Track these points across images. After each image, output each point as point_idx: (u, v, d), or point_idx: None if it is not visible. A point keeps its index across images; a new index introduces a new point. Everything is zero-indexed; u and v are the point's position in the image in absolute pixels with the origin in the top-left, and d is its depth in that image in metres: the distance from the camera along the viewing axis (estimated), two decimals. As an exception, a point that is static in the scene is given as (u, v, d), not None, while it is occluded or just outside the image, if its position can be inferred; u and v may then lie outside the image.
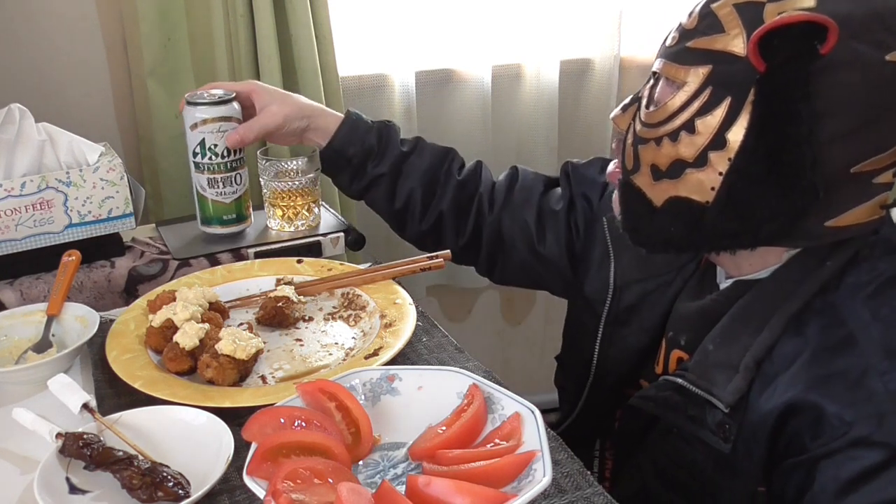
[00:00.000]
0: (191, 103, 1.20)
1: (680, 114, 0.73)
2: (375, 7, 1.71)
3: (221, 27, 1.51)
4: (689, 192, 0.74)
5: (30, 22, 1.48)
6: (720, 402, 0.75)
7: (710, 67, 0.71)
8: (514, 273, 1.16)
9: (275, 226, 1.32)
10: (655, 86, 0.78)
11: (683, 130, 0.73)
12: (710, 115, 0.71)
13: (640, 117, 0.79)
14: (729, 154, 0.71)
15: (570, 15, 1.84)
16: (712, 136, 0.72)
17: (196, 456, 0.73)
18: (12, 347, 0.96)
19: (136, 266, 1.22)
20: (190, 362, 0.89)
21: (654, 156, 0.76)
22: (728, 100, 0.70)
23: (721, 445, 0.76)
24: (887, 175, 0.72)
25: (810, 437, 0.70)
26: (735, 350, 0.77)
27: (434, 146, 1.18)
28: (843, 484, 0.68)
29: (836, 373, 0.70)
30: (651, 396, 0.83)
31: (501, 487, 0.64)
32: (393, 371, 0.78)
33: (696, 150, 0.73)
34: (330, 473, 0.64)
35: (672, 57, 0.75)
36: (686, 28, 0.75)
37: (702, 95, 0.72)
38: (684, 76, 0.73)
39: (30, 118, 1.16)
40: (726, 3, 0.71)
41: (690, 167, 0.73)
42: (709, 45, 0.72)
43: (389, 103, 1.77)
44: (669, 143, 0.74)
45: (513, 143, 1.93)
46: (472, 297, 2.11)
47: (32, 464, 0.75)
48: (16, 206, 1.12)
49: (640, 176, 0.78)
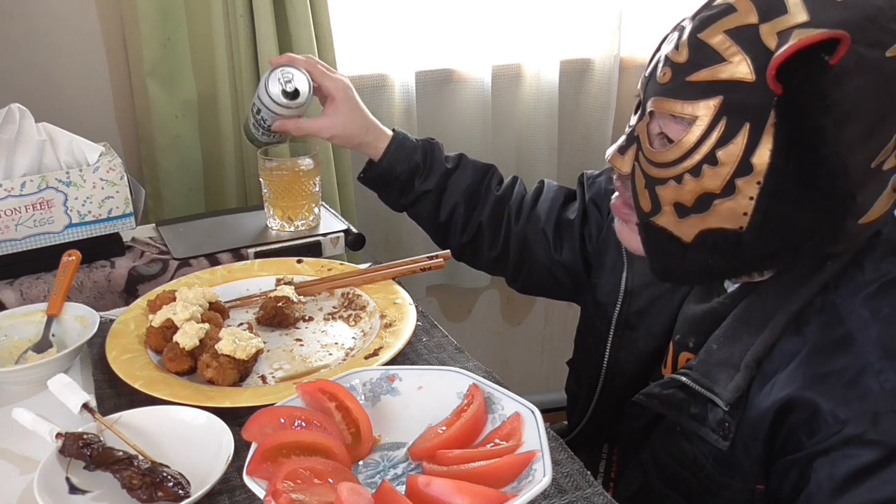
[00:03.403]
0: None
1: (698, 148, 0.72)
2: (375, 7, 1.71)
3: (221, 27, 1.51)
4: (721, 223, 0.74)
5: (30, 22, 1.48)
6: (721, 401, 0.76)
7: (721, 98, 0.70)
8: (537, 281, 1.18)
9: (275, 226, 1.32)
10: (651, 123, 0.77)
11: (705, 164, 0.72)
12: (731, 144, 0.71)
13: (645, 158, 0.77)
14: (757, 178, 0.71)
15: (570, 15, 1.84)
16: (737, 164, 0.71)
17: (196, 456, 0.74)
18: (12, 347, 0.96)
19: (136, 266, 1.22)
20: (190, 362, 0.89)
21: (677, 194, 0.75)
22: (746, 126, 0.70)
23: (720, 443, 0.76)
24: (892, 159, 0.72)
25: (806, 435, 0.71)
26: (737, 349, 0.77)
27: (476, 163, 1.22)
28: (838, 482, 0.68)
29: (833, 371, 0.71)
30: (656, 394, 0.84)
31: (501, 487, 0.64)
32: (393, 371, 0.78)
33: (723, 181, 0.72)
34: (330, 473, 0.64)
35: (671, 93, 0.73)
36: (677, 62, 0.73)
37: (718, 126, 0.71)
38: (693, 110, 0.72)
39: (30, 118, 1.16)
40: (715, 31, 0.71)
41: (718, 198, 0.73)
42: (713, 76, 0.71)
43: (389, 103, 1.77)
44: (692, 178, 0.73)
45: (513, 143, 1.93)
46: (472, 297, 2.11)
47: (32, 464, 0.75)
48: (16, 206, 1.12)
49: (663, 216, 0.77)
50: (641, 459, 0.88)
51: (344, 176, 1.71)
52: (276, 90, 1.12)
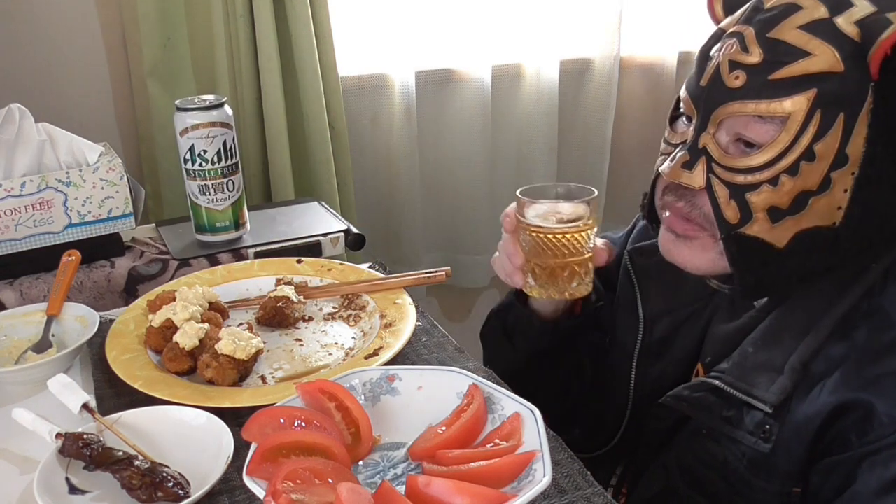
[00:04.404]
0: (180, 109, 1.20)
1: (794, 146, 0.72)
2: (375, 7, 1.71)
3: (221, 27, 1.51)
4: (815, 221, 0.73)
5: (30, 22, 1.48)
6: (763, 404, 0.75)
7: (815, 90, 0.70)
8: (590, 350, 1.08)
9: (530, 291, 0.90)
10: (719, 131, 0.75)
11: (803, 161, 0.71)
12: (828, 136, 0.71)
13: (725, 168, 0.75)
14: (852, 169, 0.71)
15: (570, 15, 1.84)
16: (834, 157, 0.71)
17: (196, 456, 0.73)
18: (12, 347, 0.96)
19: (136, 266, 1.22)
20: (190, 362, 0.89)
21: (772, 197, 0.73)
22: (841, 116, 0.70)
23: (761, 446, 0.75)
24: None
25: (857, 435, 0.70)
26: (778, 353, 0.76)
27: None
28: (886, 482, 0.68)
29: (888, 373, 0.70)
30: (684, 397, 0.82)
31: (501, 488, 0.64)
32: (393, 371, 0.78)
33: (820, 176, 0.72)
34: (330, 473, 0.64)
35: (752, 95, 0.72)
36: (750, 63, 0.72)
37: (813, 120, 0.71)
38: (782, 108, 0.71)
39: (30, 118, 1.16)
40: (786, 28, 0.71)
41: (814, 195, 0.72)
42: (803, 70, 0.70)
43: (389, 103, 1.77)
44: (790, 178, 0.72)
45: (513, 143, 1.93)
46: (472, 297, 2.11)
47: (32, 464, 0.75)
48: (16, 206, 1.12)
49: (754, 224, 0.74)
50: (664, 462, 0.87)
51: (344, 176, 1.71)
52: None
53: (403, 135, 1.77)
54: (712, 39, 0.78)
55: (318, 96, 1.59)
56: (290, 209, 1.47)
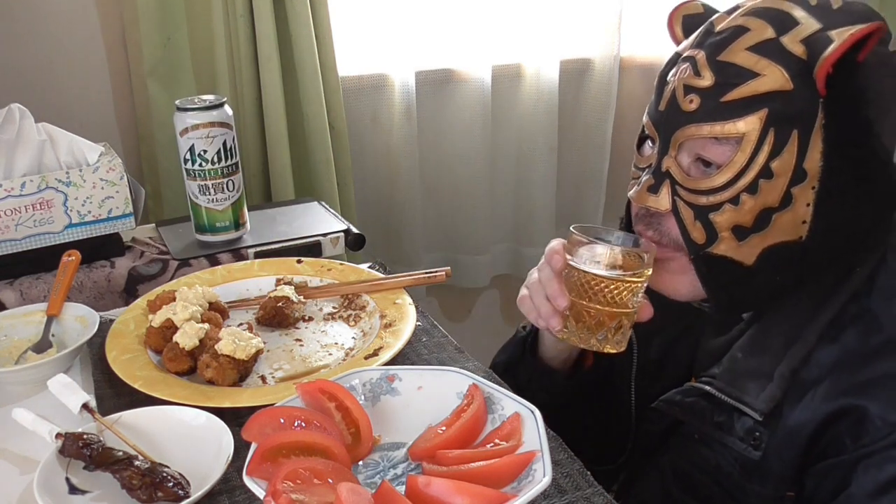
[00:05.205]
0: (180, 108, 1.20)
1: (751, 164, 0.72)
2: (375, 7, 1.71)
3: (221, 27, 1.51)
4: (781, 237, 0.74)
5: (30, 22, 1.48)
6: (752, 411, 0.75)
7: (766, 110, 0.71)
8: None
9: (566, 338, 0.82)
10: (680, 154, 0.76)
11: (761, 179, 0.72)
12: (783, 153, 0.71)
13: (688, 190, 0.75)
14: (812, 183, 0.72)
15: (570, 15, 1.84)
16: (792, 173, 0.72)
17: (196, 456, 0.73)
18: (12, 347, 0.96)
19: (136, 266, 1.22)
20: (190, 362, 0.89)
21: (735, 216, 0.74)
22: (795, 133, 0.71)
23: (751, 453, 0.76)
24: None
25: (851, 439, 0.70)
26: (766, 359, 0.76)
27: None
28: (881, 485, 0.68)
29: (880, 376, 0.71)
30: (676, 402, 0.83)
31: (501, 488, 0.64)
32: (393, 371, 0.78)
33: (781, 193, 0.72)
34: (330, 473, 0.64)
35: (706, 117, 0.73)
36: (702, 87, 0.73)
37: (767, 138, 0.71)
38: (736, 129, 0.72)
39: (30, 118, 1.16)
40: (736, 49, 0.72)
41: (777, 211, 0.73)
42: (753, 90, 0.71)
43: (389, 103, 1.77)
44: (749, 196, 0.73)
45: (513, 143, 1.94)
46: (472, 297, 2.11)
47: (32, 464, 0.75)
48: (16, 206, 1.12)
49: (721, 243, 0.75)
50: (659, 465, 0.87)
51: (344, 176, 1.71)
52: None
53: (403, 135, 1.77)
54: (669, 64, 0.80)
55: (318, 96, 1.59)
56: (290, 209, 1.47)
